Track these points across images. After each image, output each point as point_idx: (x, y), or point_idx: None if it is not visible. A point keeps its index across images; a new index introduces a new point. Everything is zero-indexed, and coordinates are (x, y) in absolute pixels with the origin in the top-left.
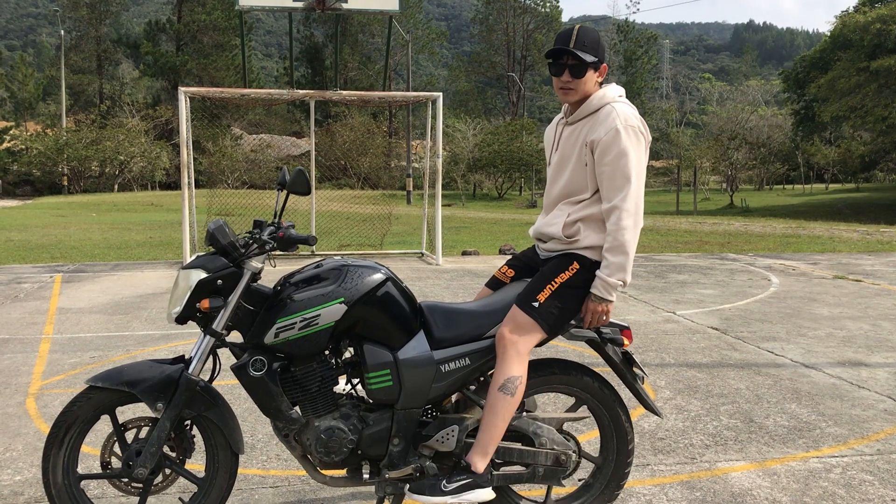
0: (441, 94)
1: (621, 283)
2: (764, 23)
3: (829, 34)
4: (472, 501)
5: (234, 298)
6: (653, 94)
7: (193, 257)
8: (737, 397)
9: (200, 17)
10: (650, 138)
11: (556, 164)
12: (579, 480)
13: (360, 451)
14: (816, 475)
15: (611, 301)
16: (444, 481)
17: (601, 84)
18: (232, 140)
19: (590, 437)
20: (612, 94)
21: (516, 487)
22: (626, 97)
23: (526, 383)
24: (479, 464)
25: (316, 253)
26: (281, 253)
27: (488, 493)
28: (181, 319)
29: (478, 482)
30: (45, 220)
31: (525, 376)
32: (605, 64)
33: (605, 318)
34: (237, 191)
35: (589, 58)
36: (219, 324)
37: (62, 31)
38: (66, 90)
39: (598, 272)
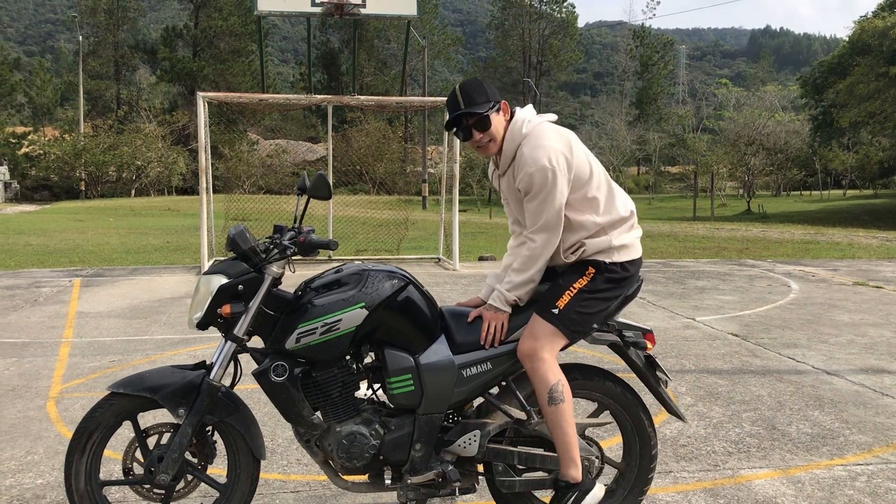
0: None
1: (516, 299)
2: (781, 28)
3: (847, 39)
4: None
5: (255, 304)
6: (669, 99)
7: (212, 262)
8: (759, 404)
9: (217, 23)
10: (570, 154)
11: (515, 213)
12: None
13: (381, 457)
14: (841, 483)
15: (504, 312)
16: None
17: (509, 121)
18: (248, 145)
19: (612, 444)
20: (518, 128)
21: (539, 493)
22: (641, 104)
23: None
24: (575, 473)
25: (333, 258)
26: (300, 258)
27: (599, 490)
28: (202, 325)
29: (585, 489)
30: (63, 225)
31: (563, 378)
32: (503, 101)
33: (499, 327)
34: (254, 196)
35: (483, 108)
36: (240, 329)
37: (80, 37)
38: (83, 95)
39: (498, 286)
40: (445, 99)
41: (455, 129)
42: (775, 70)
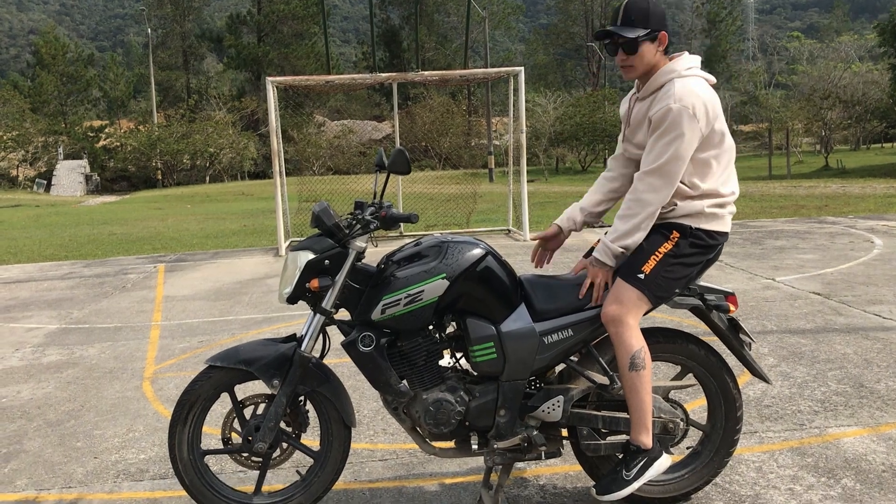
0: (522, 68)
1: (622, 250)
2: None
3: None
4: (655, 474)
5: (340, 277)
6: (738, 56)
7: (288, 242)
8: (844, 362)
9: (279, 7)
10: (714, 115)
11: (631, 146)
12: (687, 448)
13: (467, 423)
14: None
15: (609, 267)
16: (623, 471)
17: (666, 53)
18: (316, 127)
19: (696, 406)
20: (680, 66)
21: None
22: (709, 62)
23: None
24: (646, 439)
25: (404, 234)
26: (377, 235)
27: (666, 460)
28: (292, 299)
29: (653, 456)
30: (143, 214)
31: (645, 344)
32: (663, 32)
33: (600, 282)
34: (323, 177)
35: (634, 33)
36: (328, 302)
37: (149, 30)
38: (155, 87)
39: (602, 237)
40: (511, 68)
41: (605, 42)
42: (850, 19)
